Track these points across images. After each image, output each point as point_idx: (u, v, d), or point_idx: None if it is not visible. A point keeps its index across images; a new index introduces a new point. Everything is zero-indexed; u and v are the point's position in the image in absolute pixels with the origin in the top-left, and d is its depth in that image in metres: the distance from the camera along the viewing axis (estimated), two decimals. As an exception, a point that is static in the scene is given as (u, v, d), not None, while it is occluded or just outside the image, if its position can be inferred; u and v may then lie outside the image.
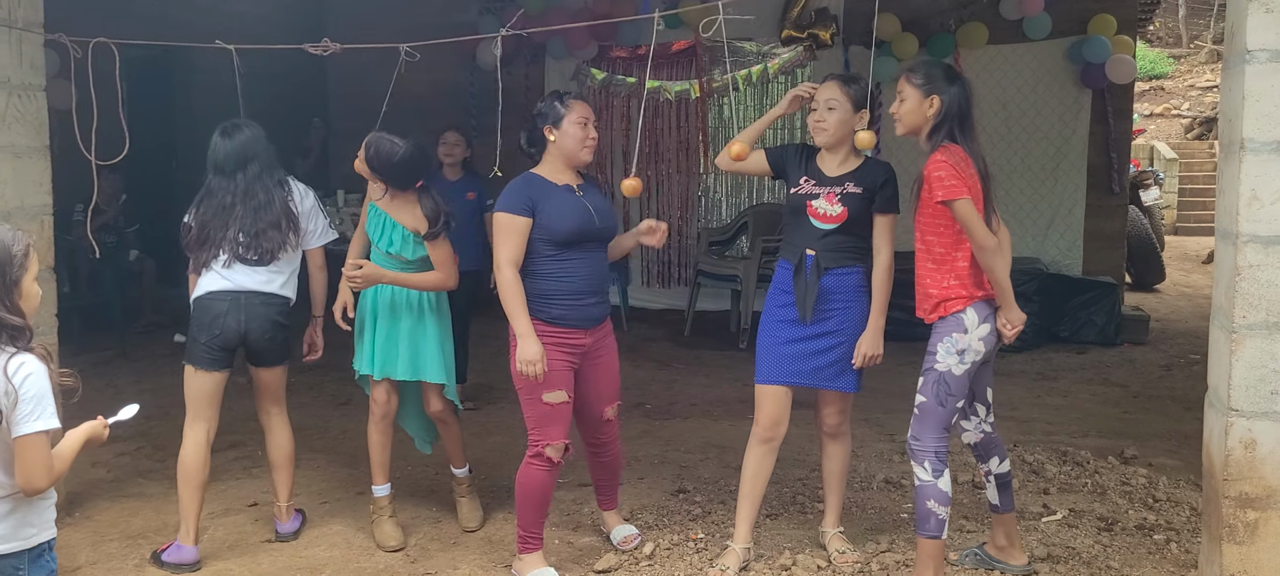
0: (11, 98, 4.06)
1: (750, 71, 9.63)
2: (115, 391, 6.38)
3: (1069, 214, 8.84)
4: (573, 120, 3.71)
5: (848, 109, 3.75)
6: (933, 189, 3.42)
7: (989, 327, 3.51)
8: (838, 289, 3.78)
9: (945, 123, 3.51)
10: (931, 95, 3.52)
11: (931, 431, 3.53)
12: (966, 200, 3.37)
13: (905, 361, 7.28)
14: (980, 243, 3.38)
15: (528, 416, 3.73)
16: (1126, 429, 5.80)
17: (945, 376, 3.50)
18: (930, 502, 3.53)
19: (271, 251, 4.01)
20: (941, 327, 3.52)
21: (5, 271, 2.41)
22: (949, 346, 3.49)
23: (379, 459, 4.27)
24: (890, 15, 8.48)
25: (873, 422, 5.81)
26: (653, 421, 6.02)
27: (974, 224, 3.38)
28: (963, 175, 3.41)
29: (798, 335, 3.78)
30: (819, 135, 3.78)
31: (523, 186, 3.69)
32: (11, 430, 2.36)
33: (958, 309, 3.48)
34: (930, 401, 3.53)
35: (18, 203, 4.12)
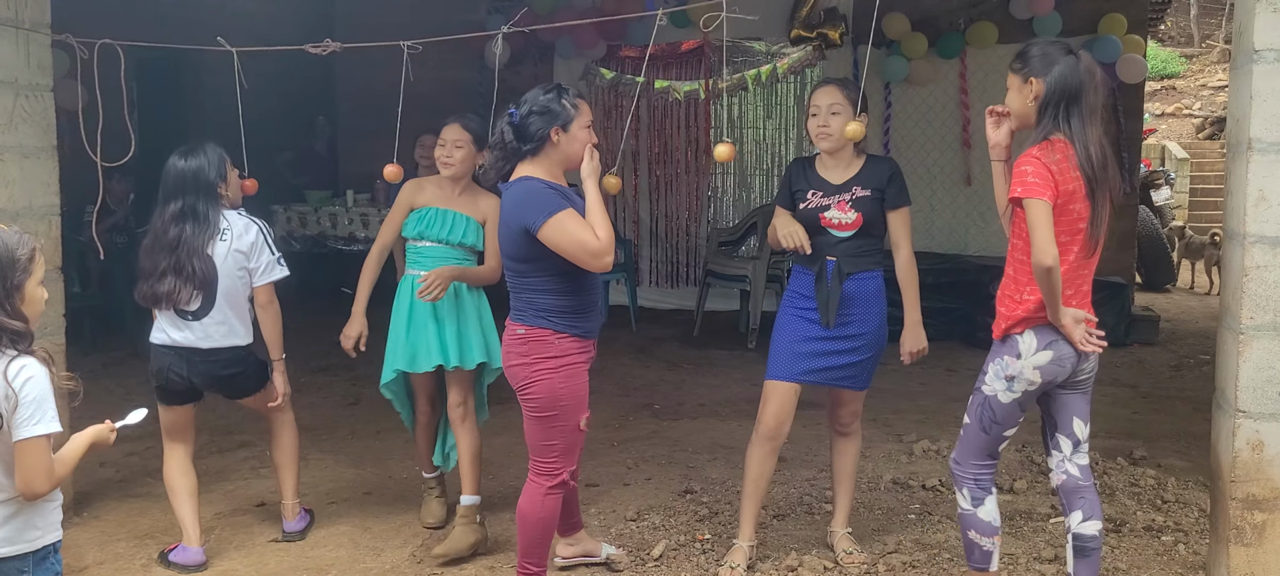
0: (19, 98, 4.08)
1: (759, 71, 9.62)
2: (126, 391, 6.40)
3: (1079, 214, 8.79)
4: (581, 124, 3.40)
5: (850, 112, 3.72)
6: (1012, 184, 3.06)
7: (1051, 356, 3.11)
8: (859, 294, 3.76)
9: (1048, 108, 3.09)
10: (1030, 79, 3.13)
11: (973, 456, 3.31)
12: (1042, 203, 2.96)
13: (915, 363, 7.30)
14: (1038, 253, 2.95)
15: (553, 444, 3.40)
16: (1135, 429, 5.78)
17: (990, 401, 3.22)
18: (972, 533, 3.32)
19: (183, 301, 3.87)
20: (996, 349, 3.23)
21: (7, 275, 2.40)
22: (998, 370, 3.19)
23: (426, 453, 4.40)
24: (899, 15, 8.46)
25: (881, 423, 5.80)
26: (661, 422, 6.01)
27: (1038, 231, 2.96)
28: (1054, 174, 3.00)
29: (818, 335, 3.78)
30: (823, 141, 3.74)
31: (556, 193, 3.29)
32: (11, 434, 2.36)
33: (1016, 331, 3.16)
34: (974, 424, 3.28)
35: (25, 203, 4.14)
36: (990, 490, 3.33)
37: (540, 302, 3.35)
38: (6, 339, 2.39)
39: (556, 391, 3.35)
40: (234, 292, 3.94)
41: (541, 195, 3.26)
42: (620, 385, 6.69)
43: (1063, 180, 3.02)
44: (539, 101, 3.37)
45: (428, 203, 4.19)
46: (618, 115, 9.66)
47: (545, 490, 3.43)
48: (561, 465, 3.44)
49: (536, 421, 3.40)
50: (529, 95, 3.41)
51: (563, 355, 3.36)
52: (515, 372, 3.40)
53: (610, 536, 4.24)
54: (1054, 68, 3.08)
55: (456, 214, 4.15)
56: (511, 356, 3.41)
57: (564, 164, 3.42)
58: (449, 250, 4.14)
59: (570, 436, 3.44)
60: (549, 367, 3.34)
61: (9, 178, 4.06)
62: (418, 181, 4.30)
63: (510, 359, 3.41)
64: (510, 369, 3.42)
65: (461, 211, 4.16)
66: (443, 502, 4.41)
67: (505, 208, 3.36)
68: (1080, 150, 3.05)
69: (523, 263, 3.35)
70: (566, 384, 3.36)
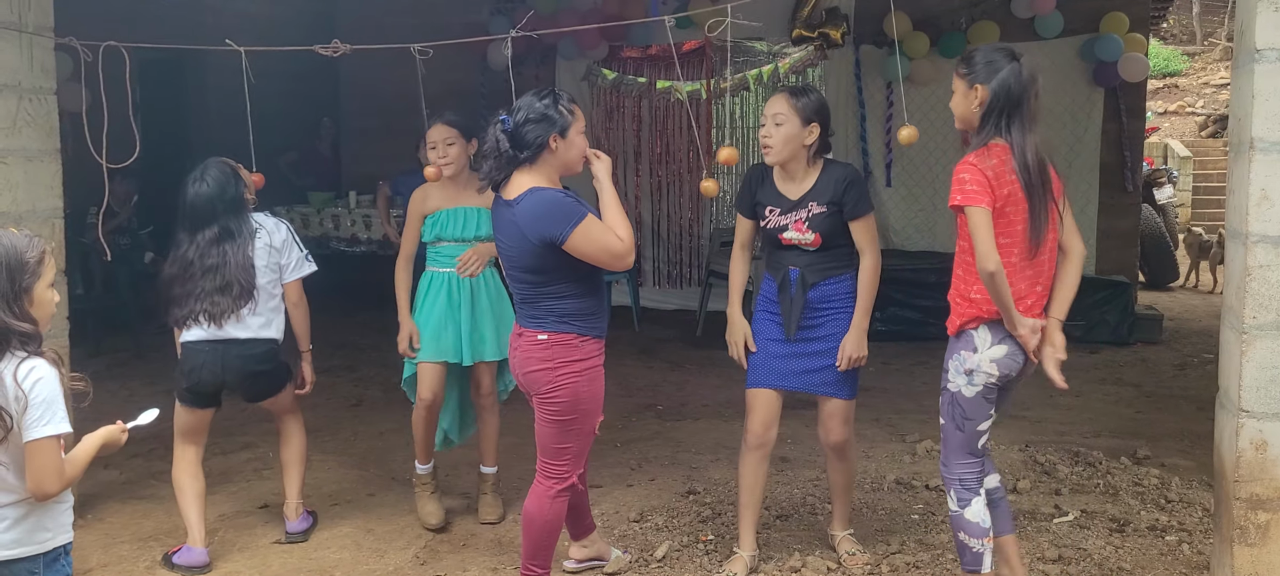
0: (22, 101, 4.10)
1: (761, 71, 9.62)
2: (129, 393, 6.43)
3: (1082, 213, 8.76)
4: (577, 129, 3.36)
5: (795, 123, 3.62)
6: (952, 192, 3.16)
7: (1006, 350, 3.21)
8: (828, 298, 3.74)
9: (991, 115, 3.16)
10: (975, 85, 3.20)
11: (955, 456, 3.34)
12: (981, 210, 3.07)
13: (917, 361, 7.33)
14: (981, 259, 3.07)
15: (567, 448, 3.39)
16: (1139, 429, 5.78)
17: (957, 398, 3.29)
18: (961, 534, 3.34)
19: (226, 313, 3.98)
20: (953, 345, 3.31)
21: (16, 277, 2.41)
22: (957, 365, 3.28)
23: (424, 441, 4.40)
24: (901, 14, 8.45)
25: (884, 423, 5.80)
26: (664, 422, 6.02)
27: (980, 238, 3.07)
28: (991, 182, 3.10)
29: (785, 342, 3.77)
30: (766, 153, 3.67)
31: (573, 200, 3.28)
32: (22, 435, 2.37)
33: (970, 327, 3.25)
34: (948, 423, 3.33)
35: (29, 206, 4.15)
36: (976, 490, 3.34)
37: (561, 308, 3.32)
38: (16, 341, 2.39)
39: (580, 394, 3.34)
40: (267, 289, 4.07)
41: (562, 204, 3.23)
42: (623, 386, 6.69)
43: (999, 184, 3.11)
44: (535, 109, 3.31)
45: (437, 206, 4.31)
46: (620, 116, 9.66)
47: (554, 493, 3.42)
48: (572, 469, 3.44)
49: (553, 425, 3.38)
50: (523, 101, 3.35)
51: (587, 358, 3.36)
52: (537, 379, 3.34)
53: (614, 537, 4.24)
54: (998, 75, 3.15)
55: (467, 210, 4.30)
56: (532, 363, 3.35)
57: (562, 171, 3.38)
58: (468, 245, 4.30)
59: (584, 440, 3.44)
60: (574, 371, 3.32)
61: (13, 181, 4.08)
62: (423, 189, 4.37)
63: (530, 365, 3.35)
64: (531, 375, 3.36)
65: (471, 206, 4.29)
66: (438, 500, 4.47)
67: (520, 221, 3.25)
68: (1018, 156, 3.12)
69: (541, 274, 3.29)
70: (589, 387, 3.37)
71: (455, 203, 4.30)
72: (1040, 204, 3.15)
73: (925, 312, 7.80)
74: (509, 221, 3.30)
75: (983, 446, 3.39)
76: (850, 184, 3.68)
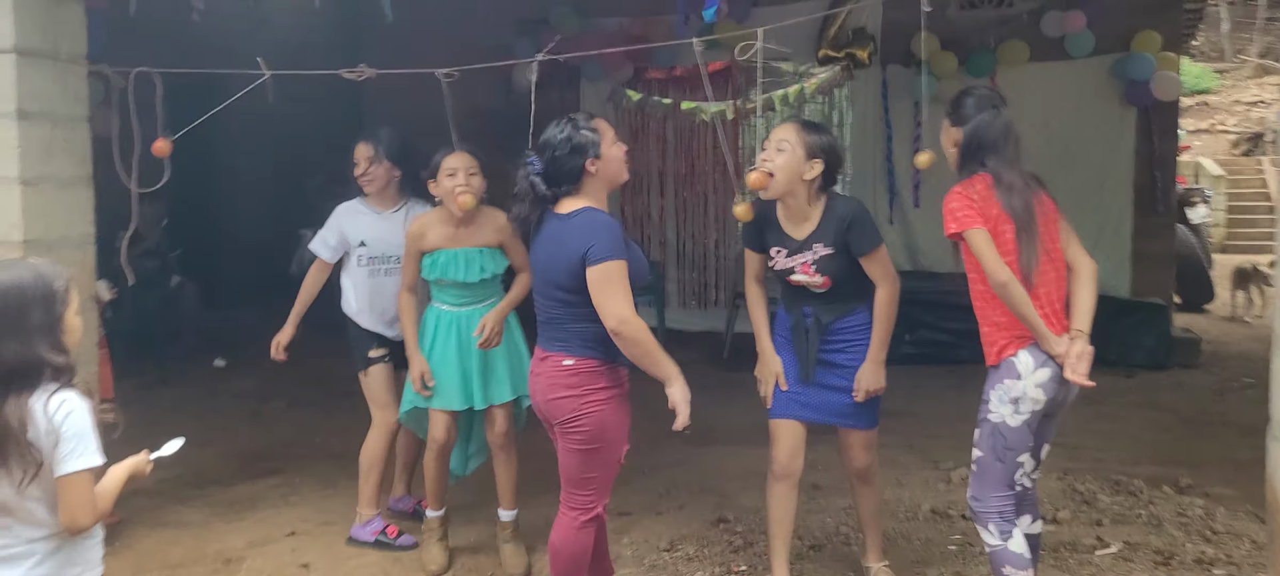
0: (56, 129, 4.10)
1: (787, 92, 9.56)
2: (154, 418, 6.39)
3: (1115, 234, 8.67)
4: (609, 142, 3.30)
5: (799, 154, 3.51)
6: (946, 223, 3.22)
7: (1049, 373, 3.18)
8: (844, 328, 3.66)
9: (970, 154, 3.29)
10: (952, 127, 3.35)
11: (992, 488, 3.26)
12: (978, 231, 3.14)
13: (949, 385, 7.22)
14: (990, 275, 3.12)
15: (592, 478, 3.32)
16: (1180, 456, 5.65)
17: (1000, 428, 3.23)
18: (1006, 569, 3.24)
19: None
20: (994, 375, 3.27)
21: (50, 308, 2.39)
22: (1001, 394, 3.22)
23: (436, 488, 4.25)
24: (929, 34, 8.38)
25: (917, 450, 5.70)
26: (692, 448, 5.92)
27: (985, 255, 3.12)
28: (979, 205, 3.19)
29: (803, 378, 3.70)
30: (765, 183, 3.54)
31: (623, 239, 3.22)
32: (54, 469, 2.33)
33: (1009, 353, 3.22)
34: (987, 455, 3.27)
35: (61, 233, 4.15)
36: (1015, 521, 3.27)
37: (590, 332, 3.24)
38: (49, 373, 2.36)
39: (606, 423, 3.27)
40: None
41: (612, 232, 3.17)
42: (650, 410, 6.54)
43: (987, 207, 3.20)
44: (560, 142, 3.26)
45: (437, 245, 4.08)
46: (644, 137, 9.62)
47: (579, 524, 3.35)
48: (597, 499, 3.37)
49: (578, 454, 3.30)
50: (546, 138, 3.29)
51: (613, 385, 3.29)
52: (561, 406, 3.27)
53: (644, 567, 4.17)
54: (972, 120, 3.29)
55: (469, 251, 4.07)
56: (557, 389, 3.27)
57: (608, 186, 3.34)
58: (471, 288, 4.11)
59: (610, 469, 3.36)
60: (600, 399, 3.25)
61: (46, 208, 4.07)
62: (420, 222, 4.14)
63: (555, 392, 3.28)
64: (555, 402, 3.29)
65: (474, 246, 4.07)
66: (445, 548, 4.27)
67: (570, 236, 3.19)
68: (1003, 196, 3.20)
69: (578, 294, 3.21)
70: (616, 414, 3.29)
71: (457, 242, 4.06)
72: (1027, 231, 3.19)
73: (956, 335, 7.69)
74: (556, 235, 3.23)
75: (1021, 479, 3.31)
76: (852, 222, 3.56)
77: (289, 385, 7.14)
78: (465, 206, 3.97)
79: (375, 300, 4.45)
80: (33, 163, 4.01)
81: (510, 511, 4.27)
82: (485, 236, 4.09)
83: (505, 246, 4.13)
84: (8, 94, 3.92)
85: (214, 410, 6.81)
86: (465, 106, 8.40)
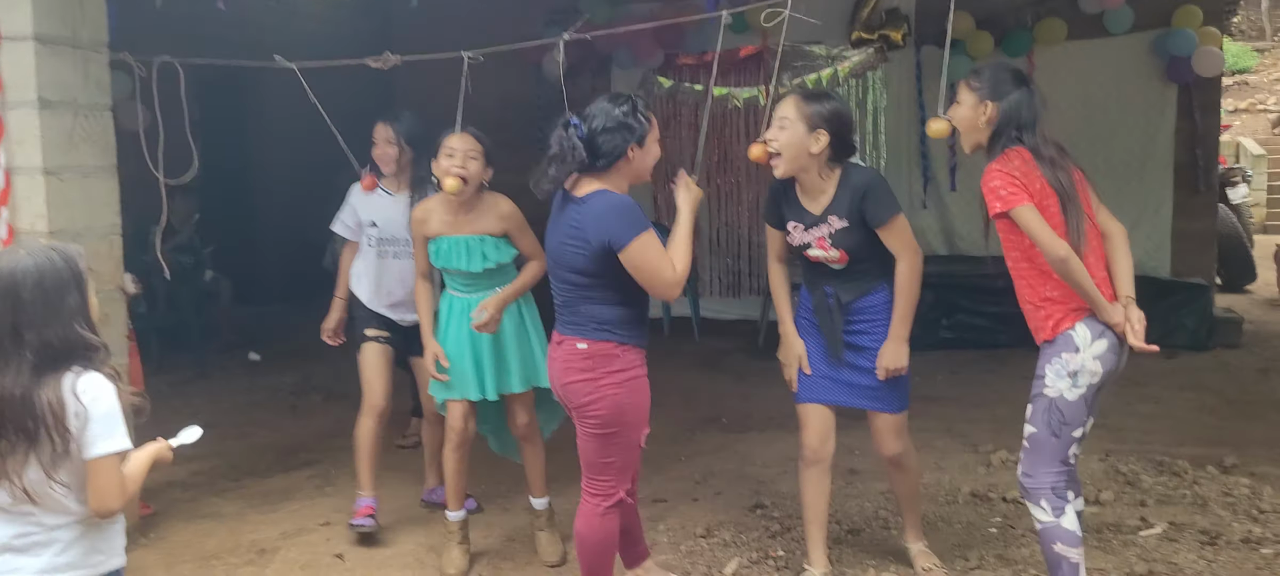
0: (78, 117, 4.09)
1: (820, 75, 9.46)
2: (191, 411, 6.43)
3: (1156, 214, 8.50)
4: (654, 137, 3.28)
5: (800, 129, 3.41)
6: (990, 203, 3.15)
7: (1107, 344, 3.12)
8: (865, 310, 3.57)
9: (1005, 131, 3.21)
10: (985, 101, 3.23)
11: (1045, 465, 3.19)
12: (1027, 207, 3.08)
13: (987, 369, 7.12)
14: (1048, 251, 3.06)
15: (610, 463, 3.27)
16: (1224, 436, 5.52)
17: (1057, 403, 3.16)
18: (1058, 546, 3.17)
19: None
20: (1049, 349, 3.19)
21: (82, 288, 2.39)
22: (1058, 369, 3.15)
23: (455, 485, 4.13)
24: (964, 13, 8.25)
25: (956, 433, 5.61)
26: (729, 435, 5.88)
27: (1039, 231, 3.07)
28: (1021, 180, 3.12)
29: (830, 358, 3.63)
30: (773, 160, 3.49)
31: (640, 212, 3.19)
32: (83, 451, 2.32)
33: (1066, 326, 3.15)
34: (1042, 431, 3.19)
35: (86, 223, 4.14)
36: (1067, 498, 3.20)
37: (603, 315, 3.22)
38: (80, 354, 2.35)
39: (622, 406, 3.23)
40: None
41: (631, 212, 3.15)
42: (685, 398, 6.57)
43: (1030, 182, 3.12)
44: (614, 116, 3.20)
45: (438, 232, 3.99)
46: (676, 124, 9.56)
47: (602, 510, 3.31)
48: (617, 484, 3.32)
49: (595, 439, 3.26)
50: (597, 108, 3.23)
51: (628, 368, 3.25)
52: (576, 389, 3.24)
53: (680, 553, 4.13)
54: (1009, 97, 3.21)
55: (470, 239, 3.96)
56: (571, 373, 3.24)
57: (634, 179, 3.29)
58: (477, 278, 4.00)
59: (629, 453, 3.32)
60: (615, 382, 3.22)
61: (70, 198, 4.07)
62: (424, 207, 4.06)
63: (569, 376, 3.25)
64: (569, 386, 3.26)
65: (474, 233, 3.96)
66: (465, 551, 4.14)
67: (585, 221, 3.15)
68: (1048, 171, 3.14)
69: (591, 277, 3.19)
70: (631, 397, 3.25)
71: (457, 229, 3.96)
72: (1073, 203, 3.14)
73: (993, 319, 7.58)
74: (572, 219, 3.20)
75: (1073, 456, 3.24)
76: (867, 191, 3.45)
77: (325, 379, 7.16)
78: (450, 189, 3.84)
79: (382, 281, 4.45)
80: (55, 152, 4.00)
81: (542, 499, 4.22)
82: (487, 224, 3.96)
83: (510, 234, 3.99)
84: (28, 82, 3.89)
85: (250, 404, 6.83)
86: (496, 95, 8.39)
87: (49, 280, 2.33)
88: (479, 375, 4.02)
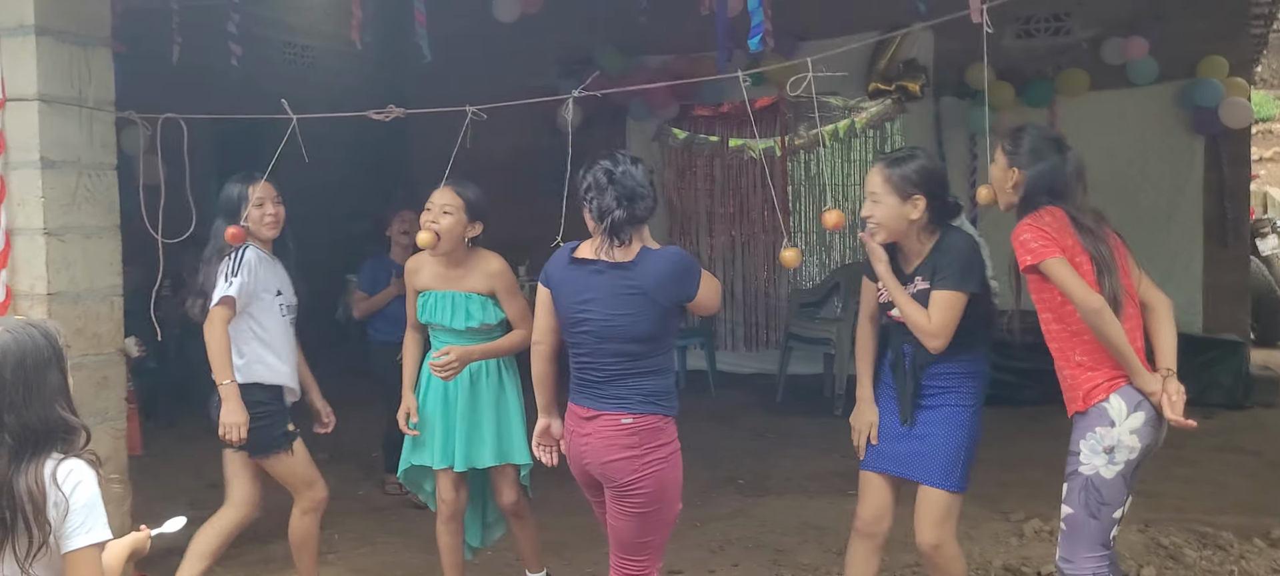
0: (82, 177, 4.02)
1: (836, 126, 9.35)
2: (195, 467, 6.29)
3: (1186, 269, 8.30)
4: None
5: (892, 200, 3.25)
6: (1020, 256, 3.03)
7: (1144, 417, 2.95)
8: (938, 374, 3.35)
9: (1033, 198, 3.10)
10: (1013, 167, 3.14)
11: (1086, 549, 3.01)
12: (1058, 260, 2.95)
13: (1018, 427, 6.88)
14: (1081, 303, 2.91)
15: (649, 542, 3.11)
16: (1268, 503, 5.28)
17: (1092, 481, 2.98)
18: None
19: None
20: (1082, 422, 3.02)
21: (62, 367, 2.26)
22: (1093, 444, 2.98)
23: (452, 561, 3.98)
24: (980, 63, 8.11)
25: (985, 500, 5.39)
26: (745, 498, 5.69)
27: (1071, 283, 2.93)
28: (1053, 235, 3.00)
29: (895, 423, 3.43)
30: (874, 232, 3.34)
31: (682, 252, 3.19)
32: (62, 544, 2.18)
33: (1098, 397, 2.98)
34: (1078, 512, 3.01)
35: (87, 284, 4.05)
36: None
37: (648, 387, 3.06)
38: (60, 437, 2.21)
39: (665, 482, 3.07)
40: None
41: (687, 258, 3.15)
42: (701, 456, 6.37)
43: (1062, 238, 3.01)
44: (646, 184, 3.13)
45: (427, 286, 3.88)
46: (692, 176, 9.46)
47: None
48: (652, 564, 3.15)
49: (635, 518, 3.08)
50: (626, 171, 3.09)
51: (670, 441, 3.10)
52: (619, 468, 3.04)
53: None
54: (1038, 165, 3.10)
55: (456, 295, 3.83)
56: (615, 451, 3.04)
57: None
58: (460, 336, 3.83)
59: (666, 530, 3.15)
60: (660, 457, 3.06)
61: (71, 259, 3.98)
62: (416, 259, 3.94)
63: (612, 453, 3.05)
64: (612, 464, 3.05)
65: (461, 291, 3.83)
66: None
67: (644, 284, 3.00)
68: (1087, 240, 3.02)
69: (650, 343, 3.04)
70: (674, 472, 3.10)
71: (446, 284, 3.84)
72: (1109, 271, 3.01)
73: (1021, 375, 7.36)
74: (625, 286, 3.02)
75: (1114, 537, 3.04)
76: (948, 255, 3.27)
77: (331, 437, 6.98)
78: (422, 242, 3.75)
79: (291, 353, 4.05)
80: (57, 212, 3.93)
81: (539, 573, 4.09)
82: (474, 282, 3.82)
83: (497, 294, 3.84)
84: (31, 142, 3.84)
85: (256, 460, 6.66)
86: (510, 147, 8.29)
87: (30, 359, 2.21)
88: (448, 443, 3.85)
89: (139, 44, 5.08)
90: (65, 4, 3.92)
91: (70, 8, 3.94)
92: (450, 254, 3.81)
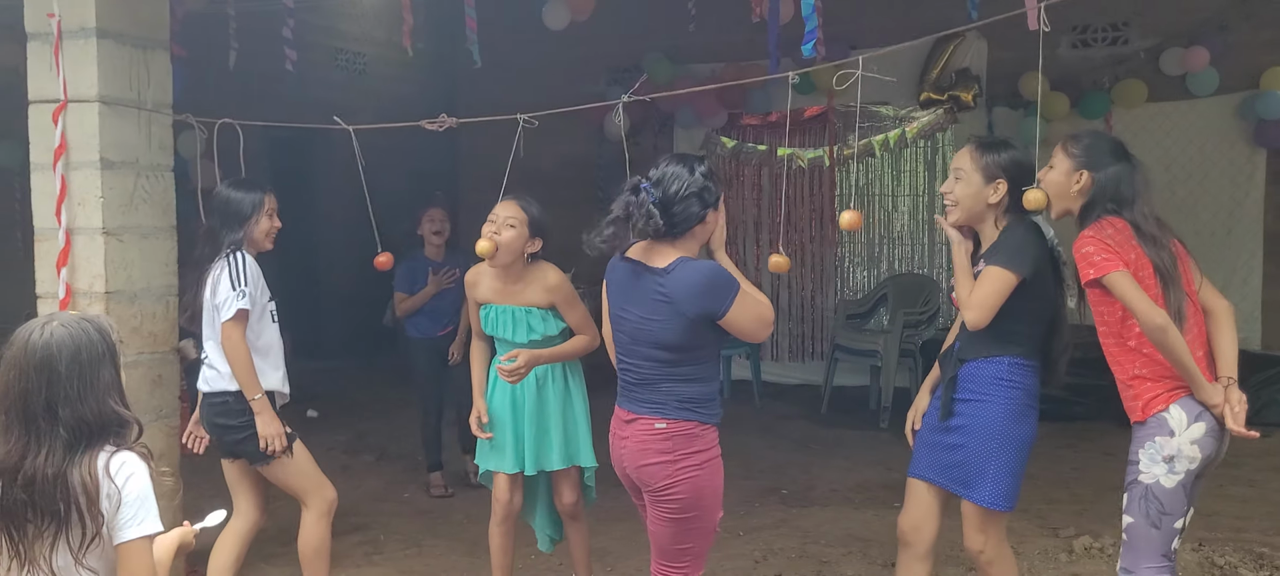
0: (139, 178, 4.09)
1: (887, 136, 9.27)
2: (246, 468, 6.38)
3: (1244, 283, 8.11)
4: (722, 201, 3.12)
5: (976, 180, 3.22)
6: (1082, 270, 2.99)
7: (1205, 427, 2.91)
8: (970, 378, 3.25)
9: (1099, 203, 3.05)
10: (1081, 170, 3.07)
11: (1147, 559, 2.97)
12: (1122, 273, 2.91)
13: (1065, 443, 6.78)
14: (1145, 319, 2.86)
15: (687, 548, 3.07)
16: (1327, 525, 5.15)
17: (1152, 490, 2.94)
18: None
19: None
20: (1141, 432, 2.99)
21: (116, 362, 2.30)
22: (1152, 453, 2.95)
23: (501, 563, 4.00)
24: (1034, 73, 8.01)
25: (1034, 516, 5.30)
26: (790, 509, 5.64)
27: (1134, 298, 2.88)
28: (1115, 247, 2.95)
29: (936, 425, 3.35)
30: (949, 212, 3.31)
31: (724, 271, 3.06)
32: (114, 535, 2.22)
33: (1157, 407, 2.95)
34: (1139, 522, 2.97)
35: (144, 284, 4.12)
36: None
37: (684, 393, 3.02)
38: (114, 431, 2.26)
39: (701, 489, 3.03)
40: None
41: (720, 275, 2.98)
42: (745, 466, 6.35)
43: (1124, 251, 2.96)
44: (693, 182, 3.01)
45: (487, 298, 3.89)
46: (739, 185, 9.44)
47: None
48: (693, 570, 3.12)
49: (673, 524, 3.06)
50: (672, 171, 3.02)
51: (708, 448, 3.05)
52: (654, 473, 3.03)
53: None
54: (1108, 169, 3.06)
55: (516, 310, 3.84)
56: (649, 455, 3.03)
57: (700, 244, 3.10)
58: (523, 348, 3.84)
59: (706, 538, 3.11)
60: (696, 464, 3.02)
61: (128, 259, 4.05)
62: (476, 270, 3.93)
63: (647, 458, 3.04)
64: (646, 469, 3.05)
65: (521, 305, 3.84)
66: None
67: (674, 294, 2.95)
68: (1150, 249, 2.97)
69: (682, 352, 3.00)
70: (711, 480, 3.05)
71: (506, 298, 3.85)
72: (1172, 281, 2.96)
73: (1070, 390, 7.21)
74: (655, 292, 2.99)
75: (1175, 549, 2.99)
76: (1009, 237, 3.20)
77: (379, 438, 7.08)
78: (480, 251, 3.75)
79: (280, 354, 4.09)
80: (116, 212, 4.00)
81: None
82: (532, 295, 3.83)
83: (557, 306, 3.85)
84: (91, 143, 3.90)
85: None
86: (556, 154, 8.33)
87: (85, 354, 2.25)
88: (517, 448, 3.89)
89: (197, 49, 5.18)
90: (126, 7, 3.99)
91: (131, 10, 4.02)
92: (508, 267, 3.81)
